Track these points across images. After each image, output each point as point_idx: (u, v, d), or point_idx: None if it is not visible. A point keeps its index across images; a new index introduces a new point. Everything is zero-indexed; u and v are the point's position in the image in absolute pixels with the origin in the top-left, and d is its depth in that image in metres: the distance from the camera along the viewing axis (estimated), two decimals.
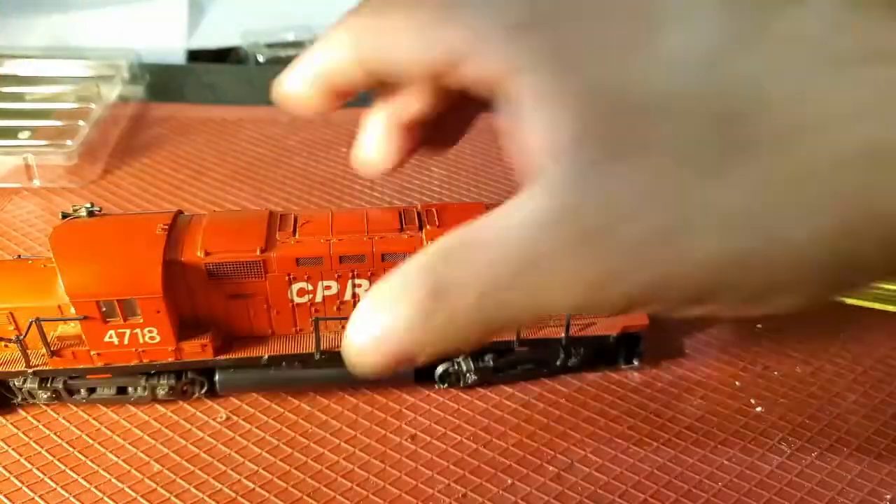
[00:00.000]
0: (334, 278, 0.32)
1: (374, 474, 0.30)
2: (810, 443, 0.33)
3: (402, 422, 0.33)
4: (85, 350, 0.31)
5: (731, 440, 0.33)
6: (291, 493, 0.29)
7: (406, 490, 0.30)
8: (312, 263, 0.31)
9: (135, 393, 0.32)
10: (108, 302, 0.29)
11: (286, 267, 0.31)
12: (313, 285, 0.32)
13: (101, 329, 0.30)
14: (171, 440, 0.31)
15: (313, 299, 0.32)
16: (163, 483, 0.29)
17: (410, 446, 0.32)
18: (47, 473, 0.30)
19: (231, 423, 0.32)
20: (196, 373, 0.32)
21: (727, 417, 0.34)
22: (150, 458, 0.31)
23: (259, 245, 0.31)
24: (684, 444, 0.32)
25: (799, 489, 0.31)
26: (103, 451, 0.31)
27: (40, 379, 0.32)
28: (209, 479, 0.30)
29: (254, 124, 0.58)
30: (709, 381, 0.36)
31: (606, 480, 0.31)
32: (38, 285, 0.31)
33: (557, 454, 0.32)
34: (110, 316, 0.30)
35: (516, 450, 0.32)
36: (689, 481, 0.31)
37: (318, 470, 0.30)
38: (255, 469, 0.30)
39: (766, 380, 0.36)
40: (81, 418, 0.32)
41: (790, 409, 0.34)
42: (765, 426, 0.33)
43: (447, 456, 0.31)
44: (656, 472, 0.31)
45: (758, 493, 0.30)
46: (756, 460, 0.32)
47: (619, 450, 0.32)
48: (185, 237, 0.31)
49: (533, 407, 0.34)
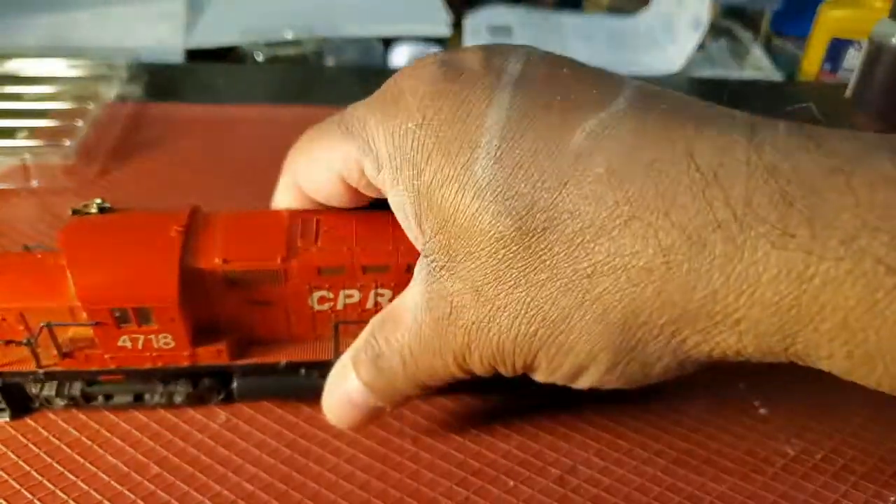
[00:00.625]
0: (356, 287, 0.31)
1: (375, 477, 0.30)
2: (815, 444, 0.33)
3: (402, 424, 0.33)
4: (98, 353, 0.30)
5: (736, 442, 0.32)
6: (292, 496, 0.29)
7: (408, 493, 0.30)
8: (334, 273, 0.30)
9: (151, 400, 0.32)
10: (122, 309, 0.29)
11: (307, 276, 0.30)
12: (334, 294, 0.31)
13: (115, 334, 0.29)
14: (171, 442, 0.31)
15: (334, 307, 0.31)
16: (162, 486, 0.29)
17: (412, 449, 0.31)
18: (46, 476, 0.29)
19: (231, 426, 0.32)
20: (213, 380, 0.32)
21: (731, 419, 0.34)
22: (150, 460, 0.30)
23: (280, 253, 0.30)
24: (688, 445, 0.32)
25: (803, 491, 0.30)
26: (102, 453, 0.30)
27: (57, 385, 0.31)
28: (209, 482, 0.29)
29: (253, 124, 0.58)
30: (712, 383, 0.36)
31: (609, 483, 0.30)
32: (49, 283, 0.29)
33: (560, 457, 0.31)
34: (124, 322, 0.29)
35: (518, 452, 0.32)
36: (692, 483, 0.30)
37: (319, 472, 0.30)
38: (255, 472, 0.30)
39: (770, 381, 0.36)
40: (80, 421, 0.32)
41: (795, 411, 0.34)
42: (769, 428, 0.33)
43: (449, 458, 0.31)
44: (660, 474, 0.31)
45: (762, 495, 0.30)
46: (760, 462, 0.32)
47: (622, 452, 0.32)
48: (203, 241, 0.30)
49: (534, 409, 0.34)
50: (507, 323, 0.23)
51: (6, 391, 0.31)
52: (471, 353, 0.25)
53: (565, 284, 0.22)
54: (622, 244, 0.21)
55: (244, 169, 0.52)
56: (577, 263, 0.22)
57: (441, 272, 0.24)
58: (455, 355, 0.25)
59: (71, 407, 0.32)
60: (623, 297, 0.22)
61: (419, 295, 0.25)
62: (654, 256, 0.21)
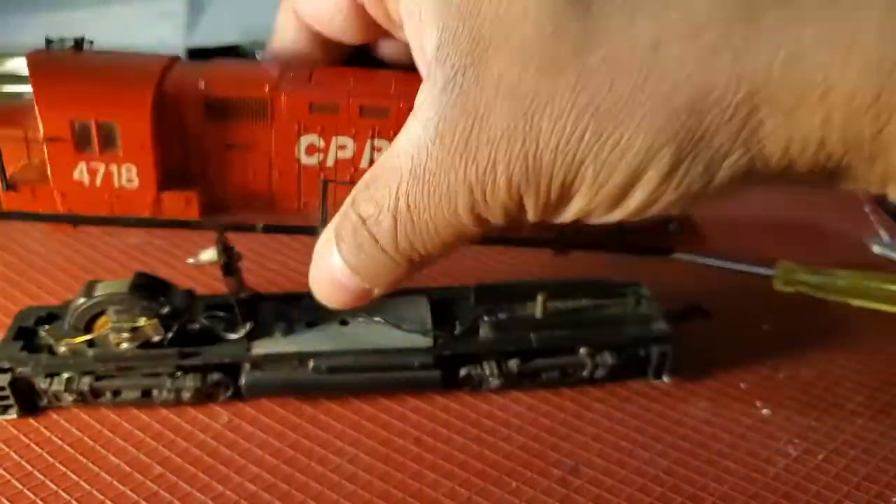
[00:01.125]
0: (351, 135, 0.27)
1: (378, 477, 0.30)
2: (816, 445, 0.33)
3: (405, 424, 0.33)
4: (47, 188, 0.26)
5: (737, 442, 0.33)
6: (294, 496, 0.29)
7: (410, 493, 0.30)
8: (328, 111, 0.27)
9: (160, 395, 0.32)
10: (84, 123, 0.25)
11: (297, 112, 0.26)
12: (326, 141, 0.27)
13: (71, 160, 0.25)
14: (174, 443, 0.31)
15: (324, 161, 0.28)
16: (165, 486, 0.29)
17: (414, 449, 0.31)
18: (49, 476, 0.29)
19: (233, 426, 0.32)
20: (222, 374, 0.32)
21: (733, 419, 0.34)
22: (153, 460, 0.30)
23: (269, 82, 0.26)
24: (690, 446, 0.32)
25: (805, 492, 0.30)
26: (105, 453, 0.30)
27: (66, 380, 0.31)
28: (212, 482, 0.30)
29: None
30: (713, 383, 0.36)
31: (612, 483, 0.30)
32: (8, 113, 0.26)
33: (562, 457, 0.31)
34: (84, 144, 0.25)
35: (520, 452, 0.32)
36: (695, 484, 0.30)
37: (322, 473, 0.30)
38: (258, 472, 0.30)
39: (771, 382, 0.36)
40: (83, 421, 0.32)
41: (796, 412, 0.34)
42: (771, 428, 0.33)
43: (451, 459, 0.31)
44: (662, 474, 0.31)
45: (764, 495, 0.30)
46: (762, 462, 0.32)
47: (624, 452, 0.32)
48: (185, 72, 0.27)
49: (537, 409, 0.34)
50: (549, 125, 0.20)
51: (15, 387, 0.31)
52: (495, 181, 0.21)
53: (624, 60, 0.19)
54: (694, 7, 0.18)
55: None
56: (640, 33, 0.19)
57: (463, 76, 0.20)
58: (472, 190, 0.21)
59: (79, 403, 0.32)
60: (693, 71, 0.18)
61: (423, 125, 0.22)
62: (732, 13, 0.18)
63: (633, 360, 0.34)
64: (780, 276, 0.42)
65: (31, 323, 0.33)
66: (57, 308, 0.34)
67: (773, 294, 0.42)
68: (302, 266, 0.42)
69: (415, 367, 0.32)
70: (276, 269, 0.42)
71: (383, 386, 0.33)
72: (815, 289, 0.42)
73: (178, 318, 0.31)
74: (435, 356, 0.32)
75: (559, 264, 0.44)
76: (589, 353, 0.34)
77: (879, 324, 0.40)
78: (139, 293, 0.30)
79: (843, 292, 0.41)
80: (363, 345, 0.32)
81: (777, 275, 0.42)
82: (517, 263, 0.44)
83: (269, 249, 0.43)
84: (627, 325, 0.34)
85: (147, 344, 0.31)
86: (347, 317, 0.34)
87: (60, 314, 0.33)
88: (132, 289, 0.30)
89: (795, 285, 0.42)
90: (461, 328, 0.34)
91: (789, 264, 0.42)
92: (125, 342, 0.31)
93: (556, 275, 0.43)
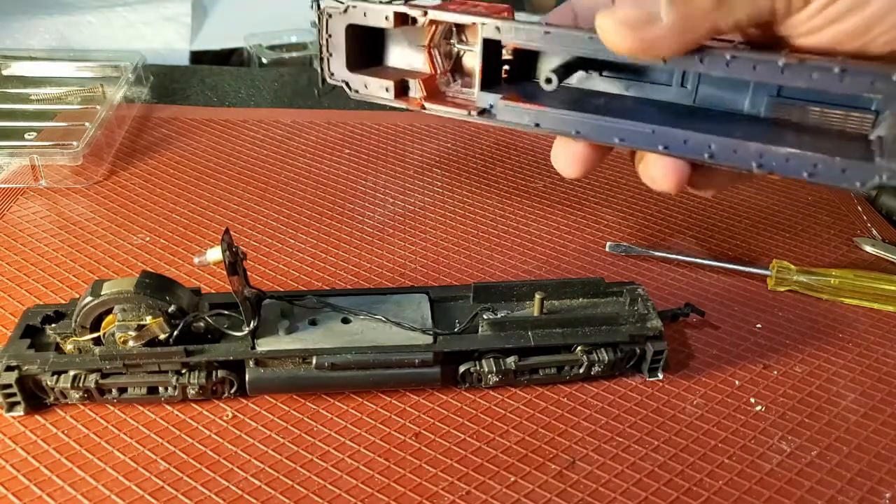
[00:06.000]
0: None
1: (378, 472, 0.31)
2: (810, 441, 0.33)
3: (405, 420, 0.33)
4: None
5: (731, 439, 0.33)
6: (297, 491, 0.30)
7: (410, 487, 0.30)
8: None
9: (166, 392, 0.33)
10: None
11: None
12: None
13: None
14: (178, 438, 0.32)
15: None
16: (169, 481, 0.30)
17: (414, 444, 0.32)
18: (54, 471, 0.30)
19: (237, 422, 0.33)
20: (226, 371, 0.33)
21: (727, 416, 0.34)
22: (157, 455, 0.31)
23: None
24: (685, 442, 0.33)
25: (799, 487, 0.31)
26: (110, 448, 0.31)
27: (73, 377, 0.32)
28: (215, 477, 0.30)
29: (257, 126, 0.59)
30: (708, 380, 0.36)
31: (608, 478, 0.31)
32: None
33: (559, 452, 0.32)
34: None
35: (518, 447, 0.32)
36: (689, 479, 0.31)
37: (323, 467, 0.31)
38: (261, 467, 0.31)
39: (765, 379, 0.36)
40: (88, 416, 0.32)
41: (789, 408, 0.35)
42: (764, 425, 0.34)
43: (450, 454, 0.32)
44: (657, 469, 0.31)
45: (758, 491, 0.31)
46: (756, 459, 0.32)
47: (620, 448, 0.32)
48: None
49: (534, 405, 0.34)
50: None
51: (22, 384, 0.32)
52: None
53: None
54: None
55: (250, 169, 0.52)
56: None
57: None
58: None
59: (85, 400, 0.32)
60: None
61: None
62: None
63: (628, 357, 0.35)
64: (774, 276, 0.43)
65: (38, 321, 0.33)
66: (64, 306, 0.34)
67: (766, 293, 0.43)
68: (303, 266, 0.43)
69: (415, 365, 0.33)
70: (280, 269, 0.42)
71: (384, 383, 0.34)
72: (808, 288, 0.42)
73: (183, 316, 0.32)
74: (435, 354, 0.33)
75: (557, 264, 0.44)
76: (585, 351, 0.34)
77: (872, 322, 0.41)
78: (145, 292, 0.31)
79: (836, 291, 0.42)
80: (365, 342, 0.33)
81: (771, 274, 0.43)
82: (516, 263, 0.44)
83: (272, 249, 0.44)
84: (623, 324, 0.35)
85: (153, 342, 0.32)
86: (349, 315, 0.34)
87: (67, 312, 0.34)
88: (138, 287, 0.31)
89: (789, 284, 0.43)
90: (460, 326, 0.34)
91: (783, 264, 0.43)
92: (131, 340, 0.31)
93: (553, 275, 0.43)
